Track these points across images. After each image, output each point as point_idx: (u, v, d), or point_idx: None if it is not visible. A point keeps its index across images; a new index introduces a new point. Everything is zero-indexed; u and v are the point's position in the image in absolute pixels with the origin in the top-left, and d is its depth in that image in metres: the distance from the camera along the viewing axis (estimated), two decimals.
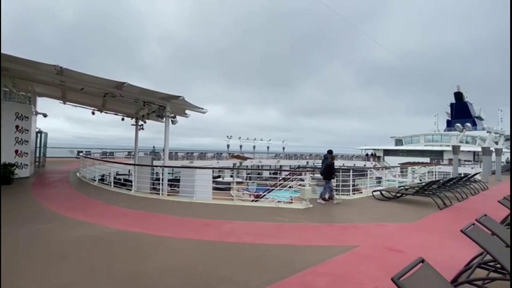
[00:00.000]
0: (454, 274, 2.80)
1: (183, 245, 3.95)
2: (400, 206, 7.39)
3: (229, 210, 6.35)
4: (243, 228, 4.87)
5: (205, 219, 5.48)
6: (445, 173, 18.28)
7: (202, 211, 6.18)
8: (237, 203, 7.29)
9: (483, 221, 2.87)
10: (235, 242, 4.11)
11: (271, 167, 30.97)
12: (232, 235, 4.42)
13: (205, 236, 4.41)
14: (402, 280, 1.43)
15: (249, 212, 6.25)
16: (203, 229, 4.77)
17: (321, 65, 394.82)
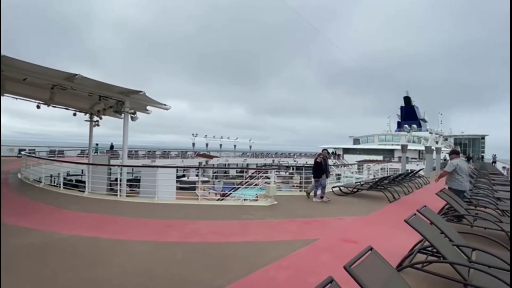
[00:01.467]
0: (400, 260, 3.13)
1: (143, 248, 3.78)
2: (356, 200, 7.97)
3: (194, 210, 6.22)
4: (208, 228, 4.82)
5: (168, 220, 5.30)
6: (395, 170, 20.16)
7: (165, 212, 5.96)
8: (202, 202, 7.16)
9: (423, 212, 3.26)
10: (199, 242, 4.05)
11: (238, 165, 30.96)
12: (196, 235, 4.35)
13: (167, 237, 4.27)
14: (353, 267, 1.57)
15: (214, 211, 6.19)
16: (166, 230, 4.61)
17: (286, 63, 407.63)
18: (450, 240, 3.07)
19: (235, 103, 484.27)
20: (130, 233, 4.44)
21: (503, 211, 5.62)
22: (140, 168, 12.09)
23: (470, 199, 6.49)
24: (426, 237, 2.62)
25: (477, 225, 4.44)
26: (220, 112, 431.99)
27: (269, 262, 3.35)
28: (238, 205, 6.84)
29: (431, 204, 6.65)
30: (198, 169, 23.42)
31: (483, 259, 2.88)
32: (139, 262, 3.30)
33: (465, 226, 4.49)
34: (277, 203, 7.01)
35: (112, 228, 4.73)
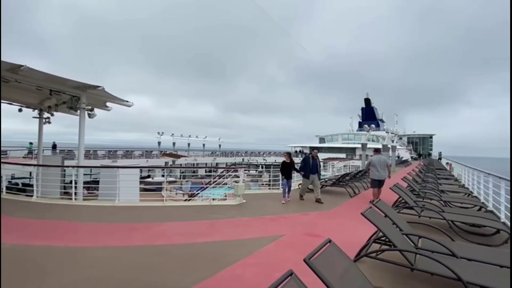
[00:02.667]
0: (358, 250, 3.37)
1: (103, 254, 3.54)
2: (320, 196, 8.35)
3: (159, 212, 6.00)
4: (174, 229, 4.68)
5: (130, 223, 5.03)
6: (356, 167, 21.55)
7: (127, 215, 5.65)
8: (168, 203, 6.92)
9: (377, 205, 3.54)
10: (164, 244, 3.92)
11: (207, 164, 30.47)
12: (161, 238, 4.20)
13: (130, 241, 4.06)
14: (312, 260, 1.65)
15: (181, 212, 6.03)
16: (128, 234, 4.37)
17: (256, 60, 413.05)
18: (400, 229, 3.39)
19: (203, 100, 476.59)
20: (88, 239, 4.14)
21: (445, 202, 6.33)
22: (100, 168, 11.25)
23: (419, 192, 7.21)
24: (379, 228, 2.86)
25: (424, 215, 4.95)
26: (187, 109, 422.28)
27: (236, 260, 3.37)
28: (206, 205, 6.75)
29: (387, 197, 7.25)
30: (164, 169, 22.54)
31: (428, 246, 3.23)
32: (98, 270, 3.09)
33: (414, 217, 4.97)
34: (245, 202, 7.06)
35: (66, 235, 4.35)
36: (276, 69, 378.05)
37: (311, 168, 7.35)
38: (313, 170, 7.37)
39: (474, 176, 9.26)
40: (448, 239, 3.65)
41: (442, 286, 2.69)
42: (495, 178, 6.31)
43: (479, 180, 8.21)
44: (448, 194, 7.73)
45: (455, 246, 3.16)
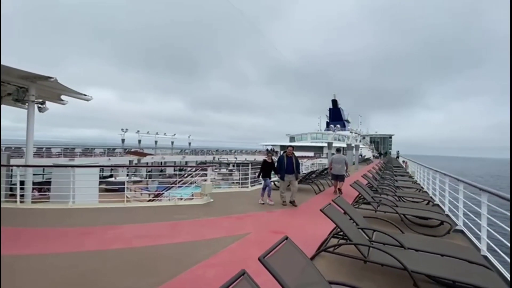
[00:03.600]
0: (319, 245, 3.50)
1: (50, 262, 3.23)
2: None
3: (119, 214, 5.66)
4: (134, 231, 4.44)
5: (85, 226, 4.67)
6: (323, 165, 22.49)
7: (82, 218, 5.23)
8: (130, 204, 6.56)
9: (337, 201, 3.71)
10: (121, 248, 3.69)
11: (175, 163, 29.48)
12: (118, 241, 3.95)
13: (83, 246, 3.76)
14: (267, 258, 1.66)
15: (143, 214, 5.75)
16: (81, 239, 4.04)
17: (228, 57, 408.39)
18: (357, 224, 3.59)
19: (172, 96, 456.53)
20: (35, 246, 3.75)
21: (399, 197, 6.86)
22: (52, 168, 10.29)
23: (377, 188, 7.72)
24: (336, 223, 3.00)
25: (380, 210, 5.31)
26: (155, 105, 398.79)
27: (198, 261, 3.30)
28: (170, 206, 6.52)
29: (349, 193, 7.60)
30: (128, 168, 21.37)
31: (380, 238, 3.46)
32: (44, 280, 2.81)
33: (371, 211, 5.31)
34: (213, 201, 6.96)
35: (9, 242, 3.89)
36: (248, 67, 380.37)
37: (286, 168, 6.60)
38: (288, 170, 6.61)
39: (424, 173, 10.18)
40: (398, 232, 3.95)
41: (391, 275, 2.91)
42: (441, 175, 6.98)
43: (428, 176, 9.04)
44: (402, 190, 8.39)
45: (404, 238, 3.43)
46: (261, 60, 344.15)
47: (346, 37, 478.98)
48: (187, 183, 8.34)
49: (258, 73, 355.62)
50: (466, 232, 4.61)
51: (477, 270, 2.71)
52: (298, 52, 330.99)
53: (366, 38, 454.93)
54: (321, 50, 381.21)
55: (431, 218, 4.91)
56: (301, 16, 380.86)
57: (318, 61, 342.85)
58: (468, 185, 4.63)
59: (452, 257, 2.94)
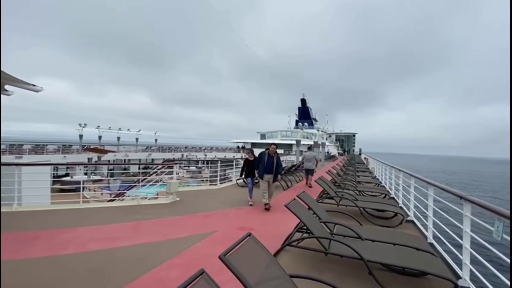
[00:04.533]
0: (284, 240, 3.57)
1: None
2: (256, 190, 8.61)
3: (75, 215, 5.21)
4: (90, 234, 4.12)
5: (33, 231, 4.22)
6: (292, 162, 23.12)
7: (30, 222, 4.72)
8: (88, 205, 6.08)
9: (301, 197, 3.82)
10: (75, 253, 3.40)
11: (140, 161, 28.04)
12: (71, 246, 3.63)
13: (28, 253, 3.38)
14: (228, 256, 1.64)
15: (102, 215, 5.36)
16: (27, 245, 3.64)
17: (199, 51, 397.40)
18: (319, 218, 3.74)
19: (137, 89, 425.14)
20: None
21: (360, 191, 7.30)
22: None
23: (340, 183, 8.14)
24: (300, 218, 3.09)
25: (342, 204, 5.60)
26: (117, 99, 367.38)
27: (161, 262, 3.17)
28: (133, 205, 6.17)
29: (315, 189, 7.85)
30: (86, 166, 19.87)
31: (341, 231, 3.65)
32: None
33: (333, 205, 5.58)
34: (179, 200, 6.75)
35: None
36: (220, 62, 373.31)
37: (265, 167, 6.10)
38: (268, 169, 6.10)
39: (382, 169, 10.97)
40: (357, 224, 4.20)
41: (349, 265, 3.08)
42: (396, 171, 7.57)
43: (385, 172, 9.76)
44: (363, 185, 8.95)
45: (362, 230, 3.65)
46: (233, 55, 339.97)
47: (318, 37, 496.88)
48: (152, 181, 7.96)
49: (230, 68, 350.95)
50: (416, 222, 5.07)
51: (424, 256, 2.98)
52: (270, 50, 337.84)
53: (337, 39, 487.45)
54: (293, 50, 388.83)
55: (387, 210, 5.31)
56: (274, 12, 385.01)
57: (290, 60, 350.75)
58: (418, 179, 5.08)
59: (402, 245, 3.20)
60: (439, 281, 2.75)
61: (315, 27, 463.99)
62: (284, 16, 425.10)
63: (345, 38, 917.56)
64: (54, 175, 19.75)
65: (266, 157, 6.20)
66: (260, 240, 4.11)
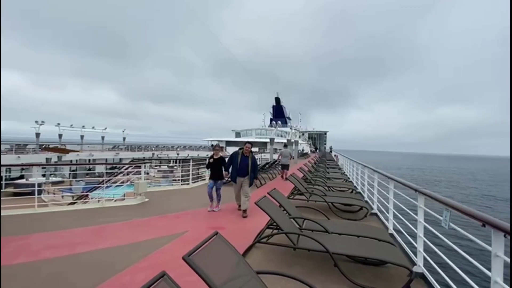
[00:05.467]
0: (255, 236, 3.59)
1: None
2: (231, 189, 8.56)
3: (28, 221, 4.76)
4: (45, 241, 3.79)
5: None
6: (267, 159, 23.37)
7: None
8: (44, 209, 5.59)
9: (272, 194, 3.86)
10: (25, 263, 3.10)
11: (107, 160, 26.43)
12: (22, 254, 3.31)
13: None
14: (193, 256, 1.61)
15: (61, 219, 4.96)
16: None
17: (170, 44, 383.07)
18: (289, 214, 3.82)
19: (103, 83, 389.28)
20: None
21: (329, 187, 7.60)
22: None
23: (311, 180, 8.39)
24: (269, 214, 3.13)
25: (311, 200, 5.77)
26: (79, 93, 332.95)
27: (126, 266, 3.01)
28: (97, 208, 5.81)
29: (287, 186, 8.00)
30: (44, 167, 18.32)
31: (309, 226, 3.76)
32: None
33: (304, 201, 5.73)
34: (148, 200, 6.48)
35: None
36: (194, 57, 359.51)
37: (238, 169, 5.41)
38: (241, 171, 5.41)
39: (350, 165, 11.52)
40: (325, 218, 4.36)
41: (317, 259, 3.19)
42: (362, 167, 7.99)
43: (353, 168, 10.27)
44: (332, 181, 9.33)
45: (329, 224, 3.79)
46: (207, 50, 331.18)
47: (294, 36, 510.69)
48: (119, 182, 7.54)
49: (205, 64, 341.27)
50: (379, 215, 5.40)
51: (384, 246, 3.18)
52: (247, 47, 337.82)
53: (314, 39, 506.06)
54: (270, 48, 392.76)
55: (353, 204, 5.58)
56: (252, 8, 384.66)
57: (267, 59, 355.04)
58: (381, 174, 5.41)
59: (365, 237, 3.39)
60: (397, 268, 2.96)
61: (293, 26, 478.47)
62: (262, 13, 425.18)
63: (322, 39, 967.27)
64: (6, 177, 17.88)
65: (240, 157, 5.42)
66: (232, 238, 4.10)
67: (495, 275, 1.76)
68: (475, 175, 56.66)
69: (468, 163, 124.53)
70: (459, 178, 48.43)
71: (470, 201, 23.97)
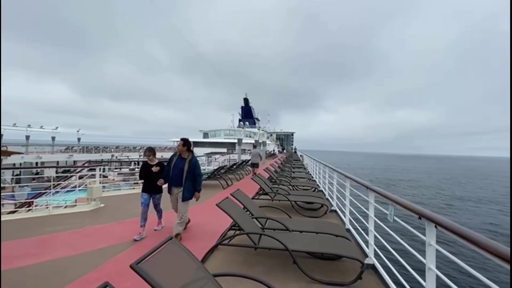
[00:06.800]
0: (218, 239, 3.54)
1: None
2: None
3: None
4: None
5: None
6: (234, 160, 23.30)
7: None
8: None
9: (235, 195, 3.86)
10: None
11: (59, 163, 24.03)
12: None
13: None
14: (143, 263, 1.53)
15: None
16: None
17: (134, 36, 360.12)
18: (252, 214, 3.85)
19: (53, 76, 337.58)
20: None
21: (293, 186, 7.83)
22: None
23: (276, 179, 8.57)
24: (231, 216, 3.12)
25: (276, 199, 5.89)
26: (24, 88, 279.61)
27: (74, 279, 2.77)
28: (43, 216, 5.25)
29: (254, 186, 8.03)
30: None
31: (272, 225, 3.83)
32: None
33: (268, 201, 5.83)
34: (104, 206, 6.04)
35: None
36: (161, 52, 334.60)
37: (172, 176, 4.10)
38: (175, 179, 4.07)
39: (313, 165, 12.02)
40: (287, 217, 4.48)
41: (277, 257, 3.26)
42: (323, 166, 8.38)
43: (315, 167, 10.72)
44: (297, 180, 9.63)
45: (290, 222, 3.91)
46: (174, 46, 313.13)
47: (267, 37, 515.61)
48: (70, 186, 6.90)
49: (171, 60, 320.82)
50: (338, 212, 5.70)
51: (340, 241, 3.37)
52: (217, 45, 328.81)
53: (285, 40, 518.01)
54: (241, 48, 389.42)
55: (315, 202, 5.82)
56: (221, 4, 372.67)
57: (238, 58, 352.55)
58: (339, 173, 5.73)
59: (324, 233, 3.56)
60: (351, 262, 3.15)
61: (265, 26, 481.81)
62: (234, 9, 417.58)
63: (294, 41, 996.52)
64: None
65: (175, 159, 4.18)
66: (194, 242, 4.02)
67: (429, 262, 1.96)
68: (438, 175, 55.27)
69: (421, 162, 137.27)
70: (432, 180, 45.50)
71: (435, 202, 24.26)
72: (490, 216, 18.49)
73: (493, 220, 17.42)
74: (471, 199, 25.72)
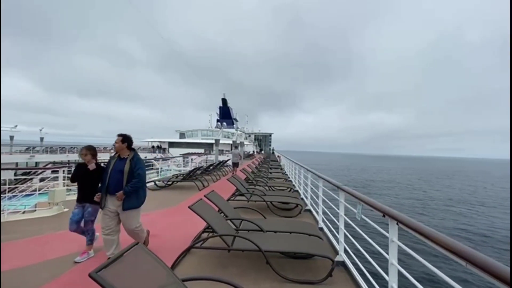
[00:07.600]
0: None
1: None
2: (170, 192, 8.13)
3: None
4: None
5: None
6: (212, 161, 22.97)
7: None
8: None
9: (209, 196, 3.80)
10: None
11: (18, 165, 22.07)
12: None
13: None
14: (104, 271, 1.44)
15: None
16: None
17: (105, 27, 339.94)
18: (226, 216, 3.81)
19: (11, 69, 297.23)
20: None
21: (270, 186, 7.89)
22: None
23: (253, 180, 8.58)
24: (204, 218, 3.07)
25: (252, 200, 5.90)
26: None
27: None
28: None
29: (230, 187, 7.96)
30: None
31: (246, 226, 3.82)
32: None
33: (244, 202, 5.81)
34: (68, 210, 5.63)
35: None
36: (136, 47, 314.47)
37: (109, 181, 3.23)
38: (112, 186, 3.22)
39: (289, 165, 12.22)
40: (262, 218, 4.50)
41: (251, 258, 3.25)
42: (299, 166, 8.55)
43: (291, 168, 10.92)
44: (273, 180, 9.72)
45: (265, 223, 3.92)
46: (150, 41, 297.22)
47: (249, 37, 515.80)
48: (29, 190, 6.36)
49: (148, 56, 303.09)
50: (312, 211, 5.84)
51: (313, 240, 3.44)
52: (196, 43, 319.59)
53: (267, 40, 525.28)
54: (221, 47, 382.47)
55: (290, 202, 5.91)
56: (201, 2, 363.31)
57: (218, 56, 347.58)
58: (313, 174, 5.87)
59: (297, 233, 3.62)
60: (323, 260, 3.24)
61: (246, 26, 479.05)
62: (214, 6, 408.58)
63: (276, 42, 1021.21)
64: None
65: (113, 162, 3.31)
66: (166, 246, 3.89)
67: (392, 257, 2.07)
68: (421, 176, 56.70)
69: (392, 162, 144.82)
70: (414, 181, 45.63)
71: None
72: (460, 215, 19.69)
73: (464, 219, 18.38)
74: (441, 199, 27.26)
